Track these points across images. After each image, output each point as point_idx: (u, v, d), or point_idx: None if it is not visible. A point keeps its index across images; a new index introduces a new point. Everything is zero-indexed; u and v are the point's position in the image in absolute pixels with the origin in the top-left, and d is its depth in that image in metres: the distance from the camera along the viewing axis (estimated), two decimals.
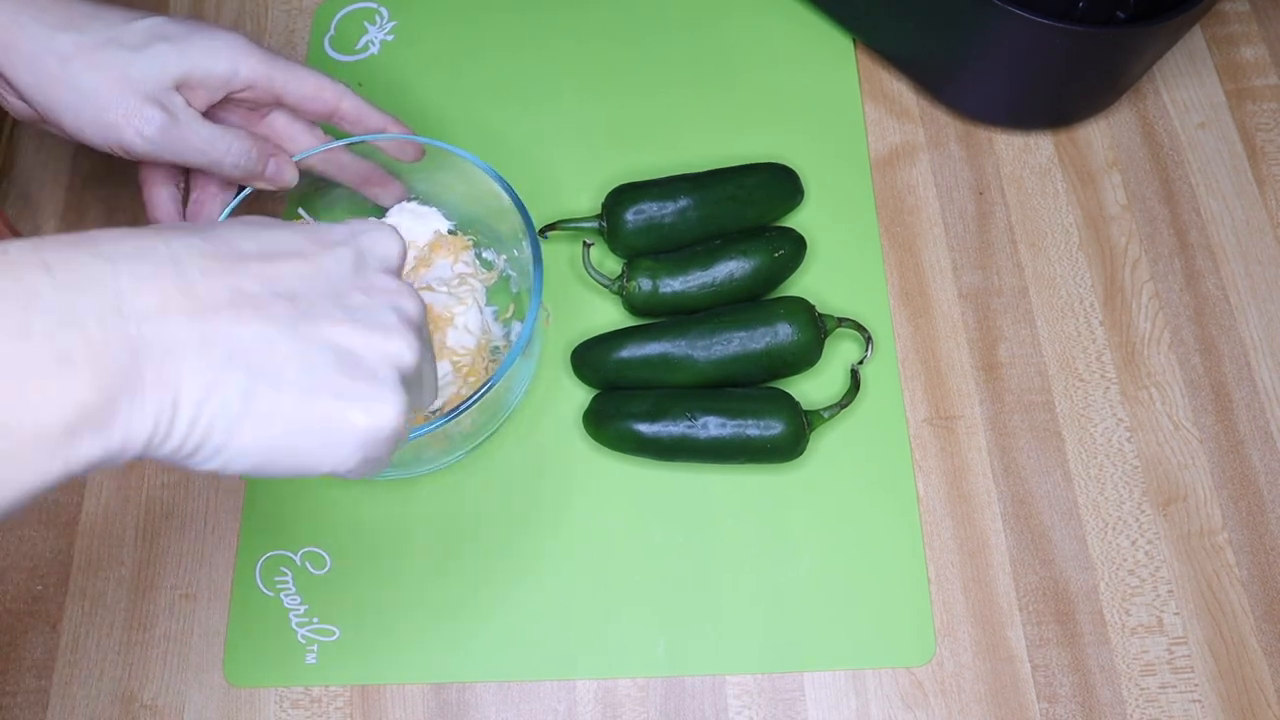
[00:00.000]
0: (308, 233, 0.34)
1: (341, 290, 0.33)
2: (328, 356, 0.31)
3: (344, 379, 0.31)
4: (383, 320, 0.33)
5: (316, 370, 0.31)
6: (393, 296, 0.34)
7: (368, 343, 0.32)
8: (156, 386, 0.28)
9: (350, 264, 0.34)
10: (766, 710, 0.50)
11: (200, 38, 0.47)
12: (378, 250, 0.36)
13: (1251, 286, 0.59)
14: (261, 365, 0.30)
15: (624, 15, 0.67)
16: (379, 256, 0.36)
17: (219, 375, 0.29)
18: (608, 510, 0.54)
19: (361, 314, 0.33)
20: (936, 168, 0.62)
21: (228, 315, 0.29)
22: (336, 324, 0.32)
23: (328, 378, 0.31)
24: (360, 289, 0.34)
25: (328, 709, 0.50)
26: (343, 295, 0.33)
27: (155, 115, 0.46)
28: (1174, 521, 0.53)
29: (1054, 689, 0.50)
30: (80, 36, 0.45)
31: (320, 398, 0.31)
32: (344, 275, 0.34)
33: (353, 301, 0.33)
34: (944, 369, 0.57)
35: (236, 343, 0.29)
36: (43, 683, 0.51)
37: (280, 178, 0.51)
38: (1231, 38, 0.66)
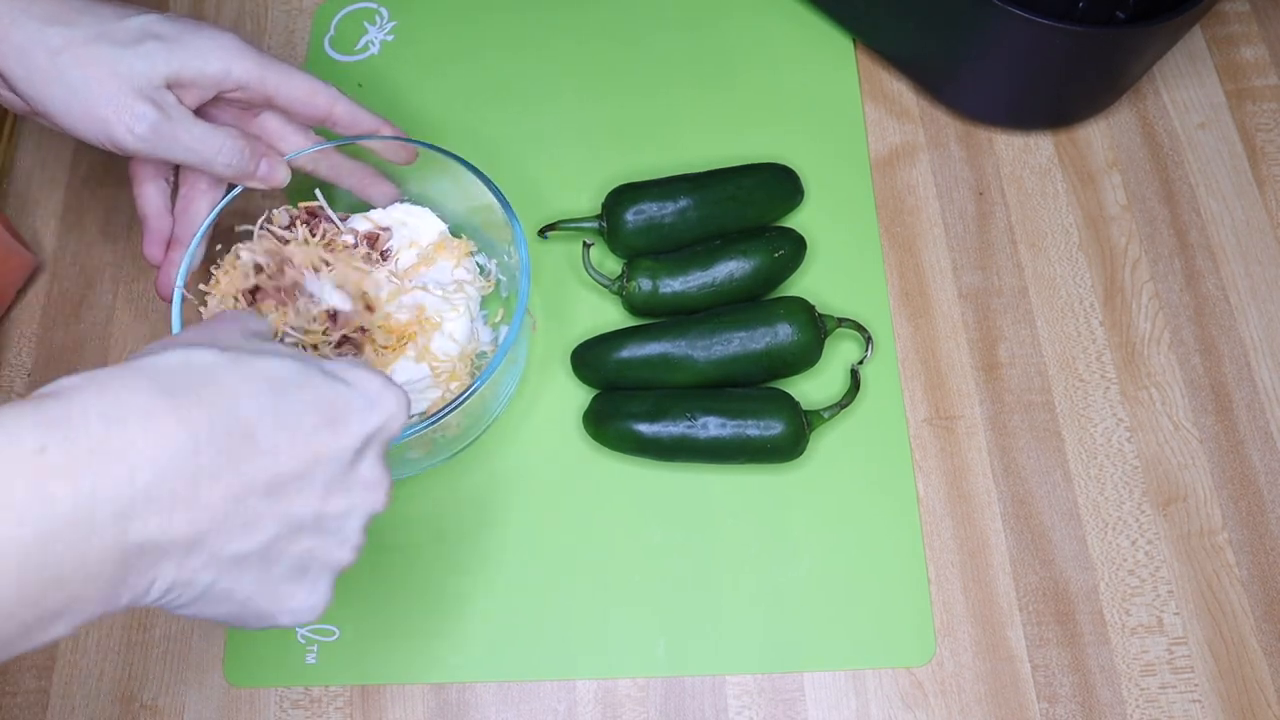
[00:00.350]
0: (323, 399, 0.33)
1: (331, 489, 0.33)
2: (285, 569, 0.33)
3: (288, 586, 0.33)
4: (347, 535, 0.34)
5: (270, 580, 0.32)
6: (370, 496, 0.35)
7: (325, 556, 0.34)
8: (134, 586, 0.29)
9: (353, 451, 0.34)
10: (766, 710, 0.50)
11: (193, 37, 0.47)
12: (383, 434, 0.35)
13: (1251, 286, 0.59)
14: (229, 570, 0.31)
15: (624, 15, 0.67)
16: (381, 440, 0.35)
17: (191, 576, 0.30)
18: (608, 510, 0.54)
19: (333, 525, 0.34)
20: (936, 168, 0.62)
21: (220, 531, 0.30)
22: (306, 540, 0.33)
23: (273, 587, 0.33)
24: (346, 487, 0.34)
25: (328, 709, 0.50)
26: (329, 496, 0.33)
27: (147, 112, 0.45)
28: (1174, 521, 0.53)
29: (1054, 689, 0.50)
30: (70, 31, 0.44)
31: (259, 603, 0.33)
32: (340, 468, 0.33)
33: (332, 506, 0.33)
34: (944, 369, 0.57)
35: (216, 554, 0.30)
36: (43, 683, 0.51)
37: (272, 178, 0.51)
38: (1231, 38, 0.66)
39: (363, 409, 0.34)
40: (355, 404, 0.34)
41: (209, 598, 0.31)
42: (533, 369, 0.57)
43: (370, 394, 0.35)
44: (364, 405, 0.34)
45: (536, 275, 0.59)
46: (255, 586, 0.32)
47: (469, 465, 0.55)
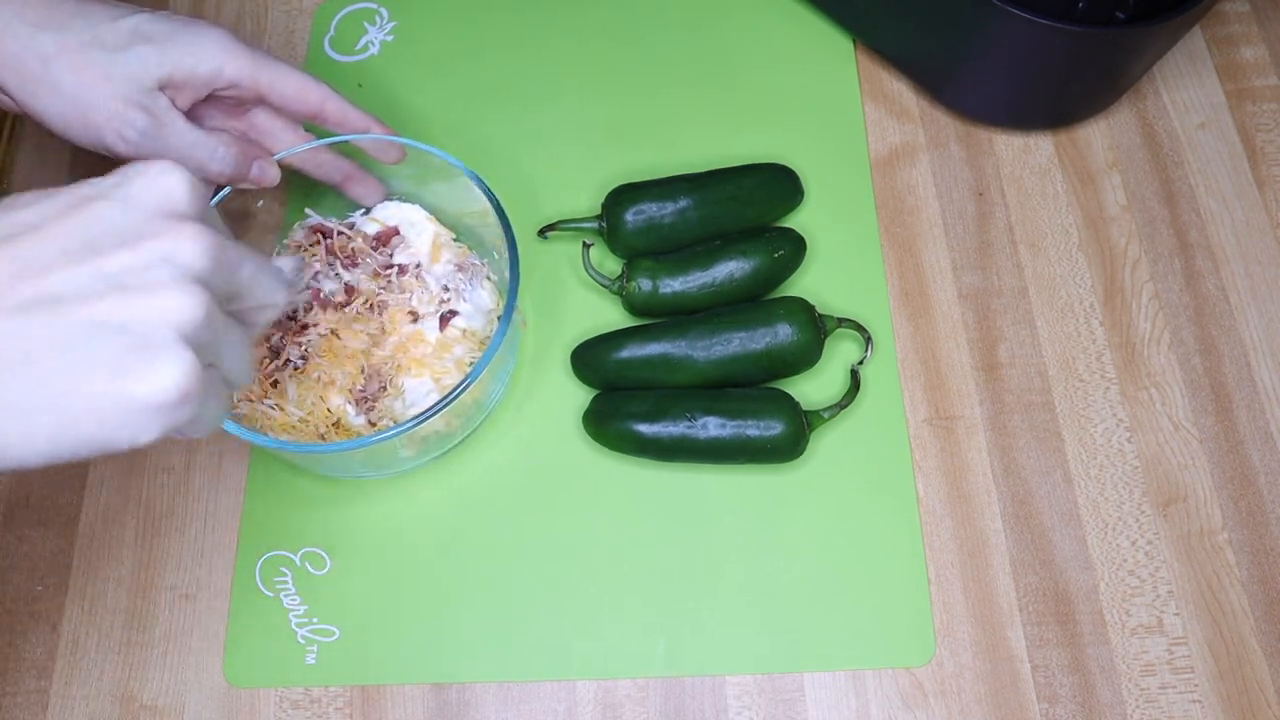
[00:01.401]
0: (67, 195, 0.32)
1: (102, 250, 0.31)
2: (89, 334, 0.30)
3: (111, 353, 0.30)
4: (149, 279, 0.31)
5: (77, 351, 0.30)
6: (164, 244, 0.32)
7: (131, 309, 0.31)
8: None
9: (114, 218, 0.32)
10: (766, 710, 0.50)
11: (184, 36, 0.47)
12: (151, 193, 0.33)
13: (1251, 287, 0.59)
14: (12, 360, 0.29)
15: (624, 15, 0.67)
16: (154, 199, 0.33)
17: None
18: (608, 510, 0.54)
19: (125, 277, 0.31)
20: (936, 168, 0.62)
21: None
22: (93, 299, 0.30)
23: (92, 356, 0.30)
24: (126, 244, 0.31)
25: (328, 709, 0.50)
26: (103, 257, 0.31)
27: (138, 119, 0.45)
28: (1174, 522, 0.53)
29: (1054, 689, 0.50)
30: (62, 36, 0.44)
31: (87, 378, 0.30)
32: (105, 233, 0.31)
33: (113, 264, 0.31)
34: (944, 369, 0.57)
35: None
36: (43, 683, 0.51)
37: (263, 179, 0.51)
38: (1231, 38, 0.66)
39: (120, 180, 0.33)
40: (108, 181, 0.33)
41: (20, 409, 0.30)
42: (532, 369, 0.57)
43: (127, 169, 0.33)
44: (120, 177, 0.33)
45: (537, 275, 0.59)
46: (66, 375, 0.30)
47: (469, 466, 0.55)
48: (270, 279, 0.36)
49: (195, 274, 0.32)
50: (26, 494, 0.55)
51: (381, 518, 0.54)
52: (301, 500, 0.54)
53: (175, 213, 0.33)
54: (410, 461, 0.53)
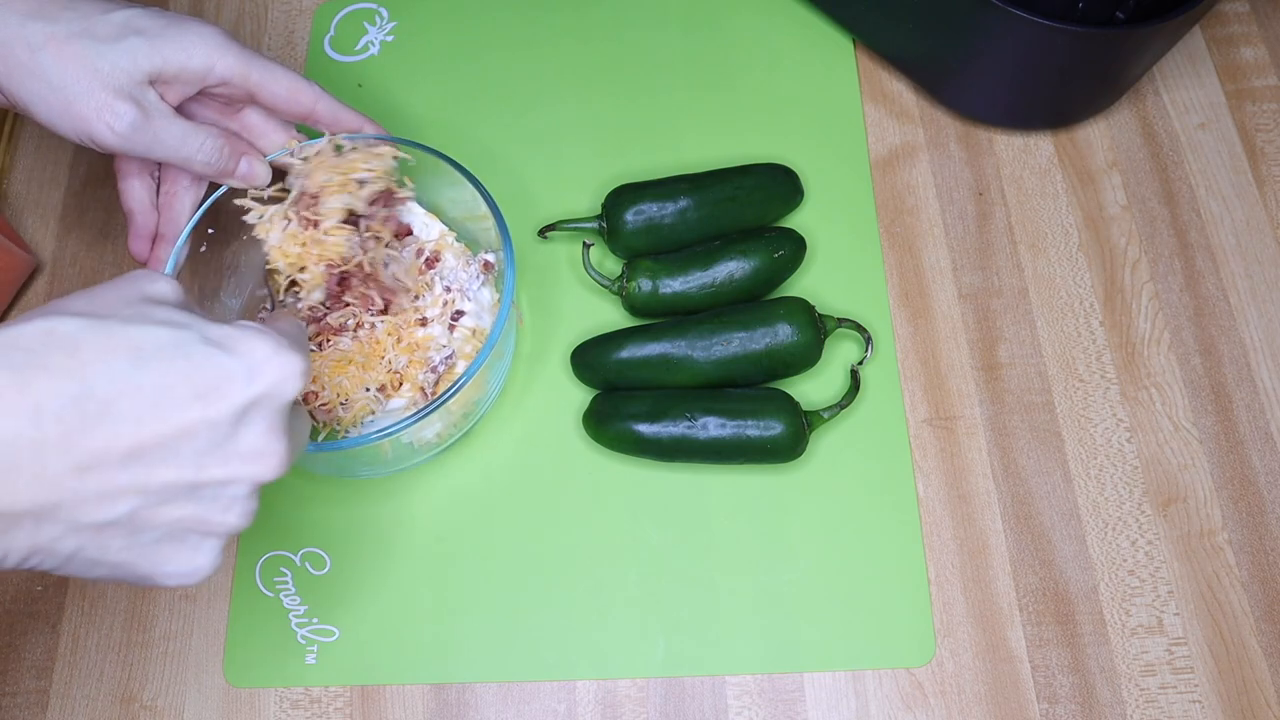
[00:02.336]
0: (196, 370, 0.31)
1: (203, 459, 0.32)
2: (160, 535, 0.32)
3: (167, 551, 0.33)
4: (230, 503, 0.33)
5: (143, 546, 0.32)
6: (255, 466, 0.33)
7: (204, 524, 0.33)
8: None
9: (229, 421, 0.32)
10: (766, 711, 0.50)
11: (176, 32, 0.46)
12: (274, 398, 0.33)
13: (1251, 287, 0.59)
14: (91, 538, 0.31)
15: (624, 16, 0.67)
16: (271, 404, 0.33)
17: (49, 544, 0.30)
18: (607, 511, 0.54)
19: (211, 495, 0.32)
20: (936, 168, 0.62)
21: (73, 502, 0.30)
22: (180, 509, 0.32)
23: (148, 552, 0.32)
24: (224, 457, 0.32)
25: (328, 709, 0.50)
26: (202, 466, 0.32)
27: (126, 111, 0.45)
28: (1174, 522, 0.53)
29: (1054, 689, 0.50)
30: (51, 26, 0.44)
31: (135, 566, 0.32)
32: (214, 438, 0.32)
33: (208, 475, 0.32)
34: (944, 369, 0.57)
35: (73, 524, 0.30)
36: (43, 683, 0.51)
37: (251, 176, 0.51)
38: (1231, 38, 0.66)
39: (243, 377, 0.32)
40: (233, 372, 0.32)
41: (77, 563, 0.31)
42: (532, 369, 0.57)
43: (254, 361, 0.33)
44: (244, 373, 0.32)
45: (537, 276, 0.59)
46: (126, 553, 0.32)
47: (469, 466, 0.55)
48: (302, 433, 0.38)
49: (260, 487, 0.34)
50: None
51: (381, 518, 0.54)
52: (301, 500, 0.54)
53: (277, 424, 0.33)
54: (404, 460, 0.53)
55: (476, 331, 0.53)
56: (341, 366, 0.51)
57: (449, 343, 0.52)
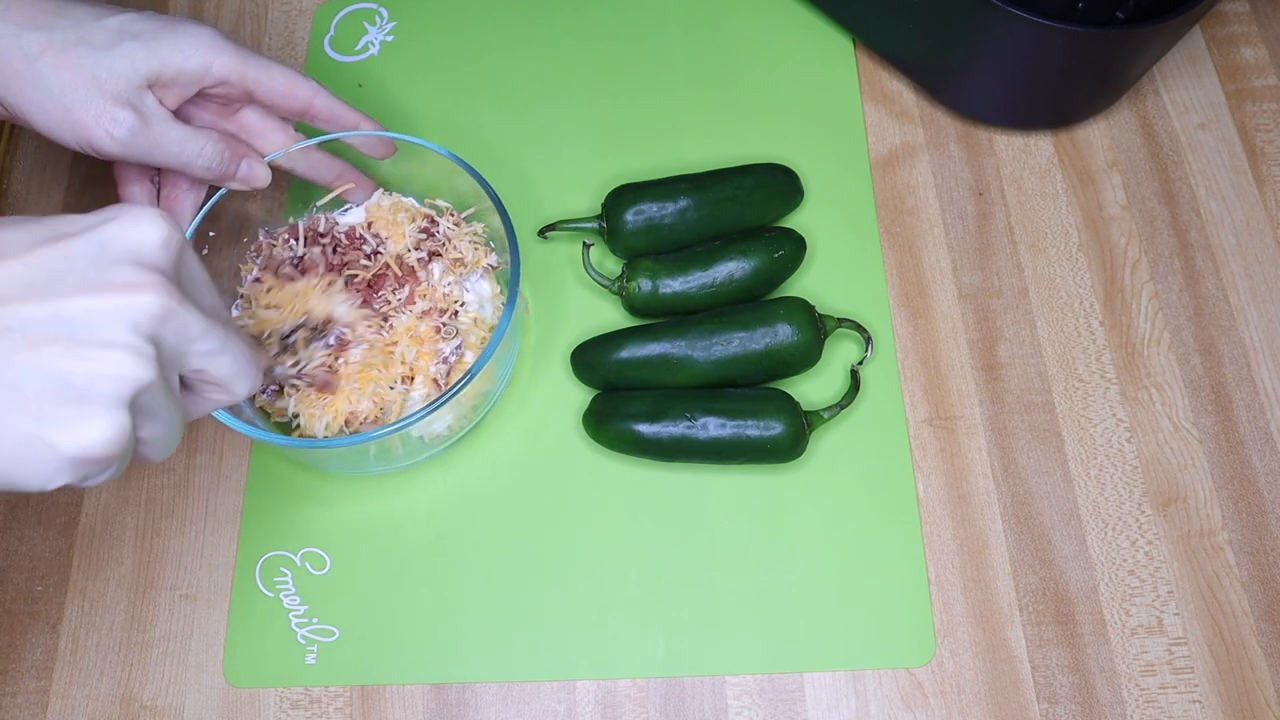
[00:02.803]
0: (44, 226, 0.32)
1: (64, 291, 0.31)
2: (30, 375, 0.30)
3: (48, 403, 0.30)
4: (104, 335, 0.31)
5: (16, 395, 0.30)
6: (124, 298, 0.31)
7: (83, 364, 0.31)
8: None
9: (87, 258, 0.32)
10: (766, 711, 0.50)
11: (171, 34, 0.46)
12: (125, 239, 0.32)
13: (1251, 287, 0.59)
14: None
15: (624, 15, 0.67)
16: (126, 246, 0.32)
17: None
18: (607, 511, 0.54)
19: (80, 327, 0.31)
20: (936, 168, 0.62)
21: None
22: (44, 344, 0.30)
23: (26, 397, 0.30)
24: (89, 289, 0.31)
25: (328, 709, 0.50)
26: (65, 300, 0.31)
27: (125, 117, 0.45)
28: (1174, 522, 0.53)
29: (1054, 689, 0.50)
30: (47, 35, 0.44)
31: (17, 423, 0.30)
32: (71, 272, 0.31)
33: (72, 309, 0.31)
34: (944, 369, 0.57)
35: None
36: (43, 683, 0.51)
37: (251, 179, 0.51)
38: (1231, 38, 0.66)
39: (96, 221, 0.32)
40: (87, 220, 0.33)
41: None
42: (532, 369, 0.57)
43: (110, 213, 0.33)
44: (99, 219, 0.33)
45: (537, 275, 0.59)
46: (13, 409, 0.30)
47: (469, 466, 0.55)
48: (232, 362, 0.36)
49: (148, 335, 0.32)
50: (26, 494, 0.55)
51: (382, 518, 0.54)
52: (301, 500, 0.54)
53: (145, 263, 0.32)
54: (406, 458, 0.53)
55: (478, 320, 0.53)
56: (366, 375, 0.51)
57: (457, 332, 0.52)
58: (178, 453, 0.56)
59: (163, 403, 0.34)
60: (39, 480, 0.31)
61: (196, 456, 0.56)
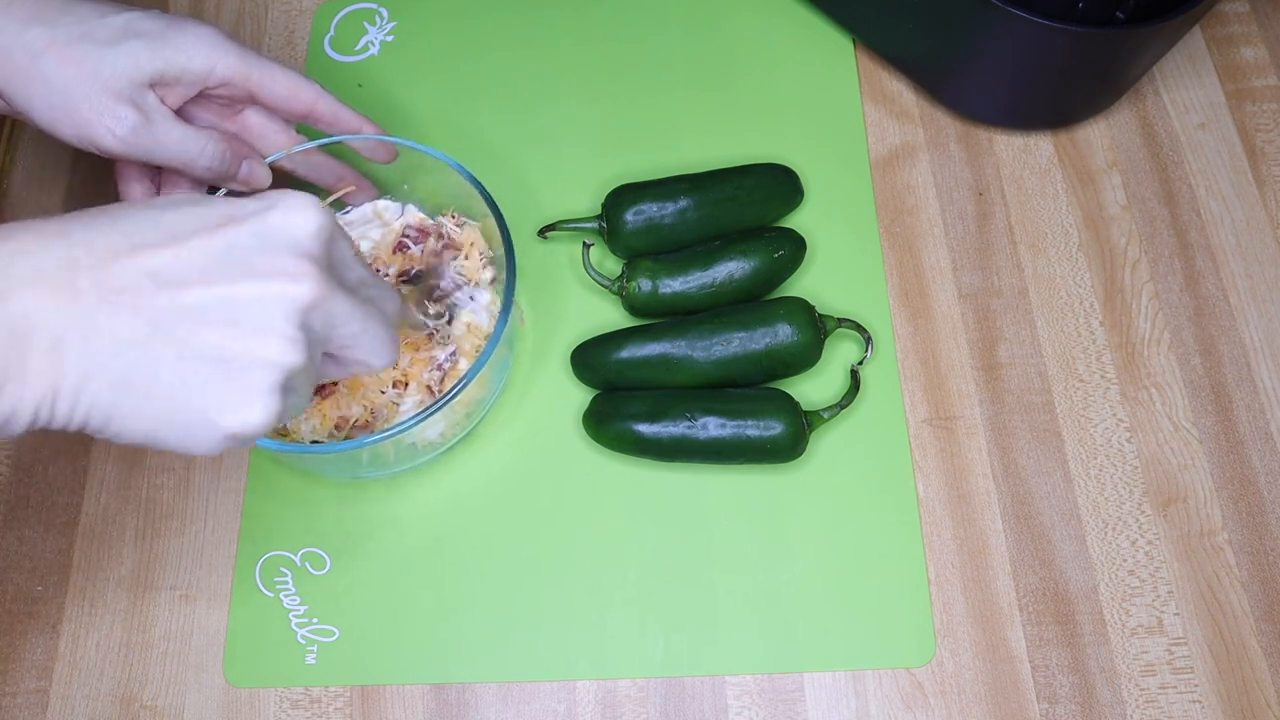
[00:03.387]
0: (211, 210, 0.34)
1: (234, 277, 0.33)
2: (201, 360, 0.32)
3: (214, 384, 0.33)
4: (265, 321, 0.33)
5: (188, 373, 0.32)
6: (285, 284, 0.34)
7: (245, 348, 0.33)
8: (39, 375, 0.31)
9: (250, 245, 0.34)
10: (766, 711, 0.50)
11: (176, 34, 0.46)
12: (287, 229, 0.35)
13: (1251, 287, 0.59)
14: (134, 366, 0.32)
15: (624, 15, 0.67)
16: (286, 236, 0.35)
17: (97, 365, 0.31)
18: (607, 511, 0.54)
19: (245, 312, 0.33)
20: (936, 168, 0.62)
21: (107, 312, 0.31)
22: (215, 327, 0.33)
23: (198, 381, 0.33)
24: (252, 275, 0.33)
25: (328, 709, 0.50)
26: (231, 285, 0.33)
27: (128, 115, 0.45)
28: (1174, 522, 0.53)
29: (1054, 689, 0.50)
30: (51, 31, 0.44)
31: (188, 400, 0.33)
32: (239, 260, 0.33)
33: (240, 293, 0.33)
34: (944, 369, 0.57)
35: (114, 341, 0.31)
36: (43, 683, 0.51)
37: (252, 179, 0.51)
38: (1231, 38, 0.66)
39: (258, 209, 0.34)
40: (249, 206, 0.35)
41: (130, 395, 0.32)
42: (532, 369, 0.57)
43: (270, 199, 0.35)
44: (260, 206, 0.35)
45: (537, 276, 0.59)
46: (174, 379, 0.32)
47: (469, 466, 0.55)
48: (373, 342, 0.38)
49: (302, 322, 0.34)
50: (26, 494, 0.55)
51: (382, 518, 0.54)
52: (301, 500, 0.54)
53: (302, 252, 0.35)
54: (405, 461, 0.53)
55: (471, 326, 0.53)
56: (356, 380, 0.51)
57: (451, 339, 0.52)
58: None
59: (306, 381, 0.36)
60: (201, 449, 0.34)
61: (196, 457, 0.56)
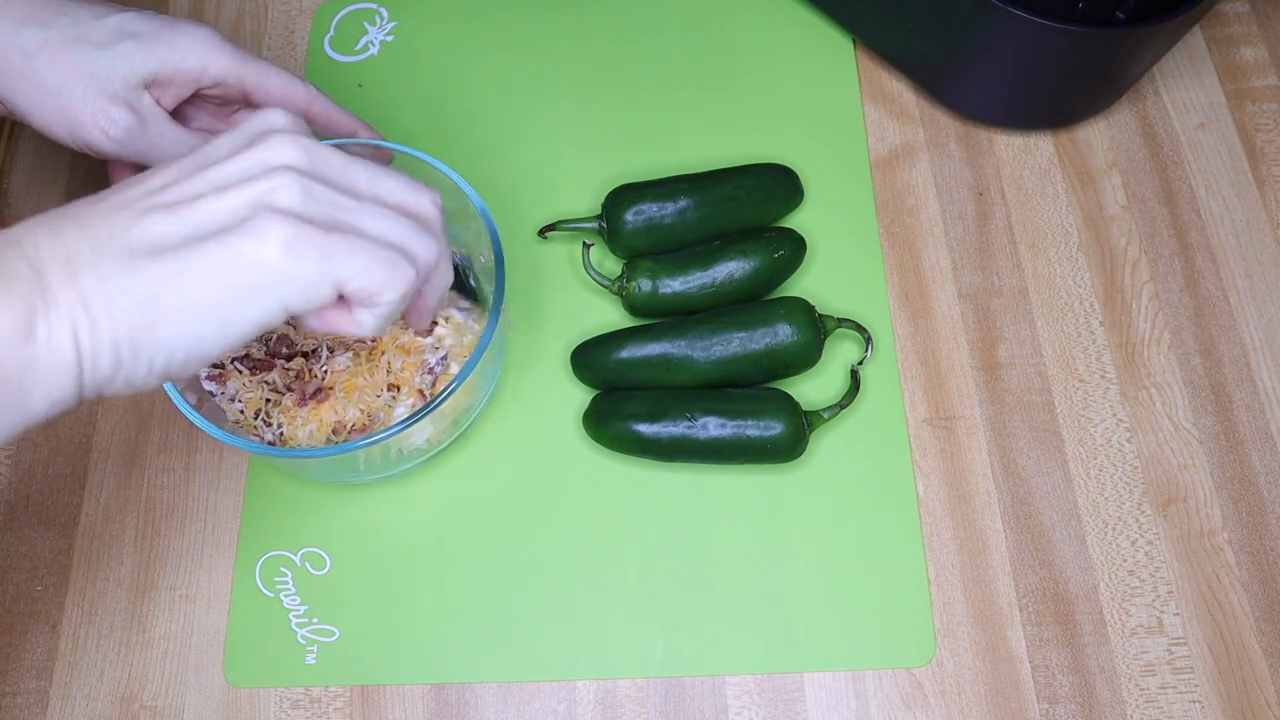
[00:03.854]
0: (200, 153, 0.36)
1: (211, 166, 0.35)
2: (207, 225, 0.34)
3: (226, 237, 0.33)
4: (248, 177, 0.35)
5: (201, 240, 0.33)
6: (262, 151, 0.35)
7: (233, 199, 0.34)
8: (67, 305, 0.31)
9: (224, 145, 0.36)
10: (766, 711, 0.50)
11: (170, 34, 0.47)
12: (254, 122, 0.37)
13: (1251, 287, 0.59)
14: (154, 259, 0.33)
15: (624, 15, 0.67)
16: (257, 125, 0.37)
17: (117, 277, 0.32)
18: (607, 511, 0.54)
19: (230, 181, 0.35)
20: (936, 168, 0.62)
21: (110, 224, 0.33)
22: (205, 198, 0.34)
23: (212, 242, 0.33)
24: (234, 156, 0.35)
25: (328, 709, 0.50)
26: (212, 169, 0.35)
27: (122, 116, 0.45)
28: (1174, 522, 0.53)
29: (1054, 689, 0.50)
30: (46, 32, 0.44)
31: (213, 259, 0.33)
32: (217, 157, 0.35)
33: (220, 173, 0.35)
34: (944, 369, 0.57)
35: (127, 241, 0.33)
36: (43, 683, 0.51)
37: None
38: (1231, 38, 0.66)
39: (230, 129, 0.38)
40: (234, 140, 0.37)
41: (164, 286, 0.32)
42: (532, 370, 0.57)
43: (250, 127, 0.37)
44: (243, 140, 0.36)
45: (536, 275, 0.59)
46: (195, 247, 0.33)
47: (468, 466, 0.55)
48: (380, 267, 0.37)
49: (292, 168, 0.35)
50: (26, 494, 0.55)
51: (382, 518, 0.54)
52: (302, 500, 0.54)
53: (275, 129, 0.36)
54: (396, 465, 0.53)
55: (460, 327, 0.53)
56: (351, 384, 0.51)
57: (441, 344, 0.52)
58: (178, 453, 0.56)
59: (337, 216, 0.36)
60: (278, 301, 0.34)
61: (196, 456, 0.56)
